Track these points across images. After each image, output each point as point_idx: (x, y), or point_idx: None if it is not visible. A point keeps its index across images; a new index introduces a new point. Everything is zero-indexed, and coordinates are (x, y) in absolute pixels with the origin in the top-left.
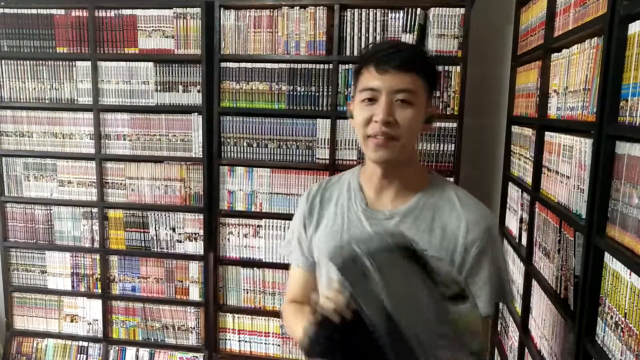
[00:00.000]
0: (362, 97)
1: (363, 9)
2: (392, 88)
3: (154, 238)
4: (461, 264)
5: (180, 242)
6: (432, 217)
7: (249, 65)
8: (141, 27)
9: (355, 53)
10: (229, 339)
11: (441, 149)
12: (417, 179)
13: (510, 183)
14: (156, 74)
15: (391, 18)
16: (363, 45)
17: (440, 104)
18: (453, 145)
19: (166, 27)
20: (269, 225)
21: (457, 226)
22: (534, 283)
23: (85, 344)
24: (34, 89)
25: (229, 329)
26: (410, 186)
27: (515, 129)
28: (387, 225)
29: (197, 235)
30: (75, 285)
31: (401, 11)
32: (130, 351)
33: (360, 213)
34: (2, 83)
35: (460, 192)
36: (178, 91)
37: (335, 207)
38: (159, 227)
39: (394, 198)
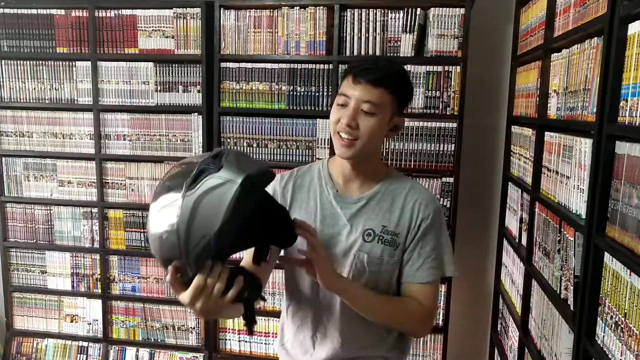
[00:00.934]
0: (338, 101)
1: (363, 9)
2: (360, 98)
3: None
4: (413, 235)
5: None
6: (392, 200)
7: (249, 65)
8: (141, 27)
9: (355, 53)
10: (229, 339)
11: (441, 149)
12: (379, 171)
13: (510, 183)
14: (156, 74)
15: (391, 18)
16: (363, 46)
17: (440, 104)
18: (453, 145)
19: (166, 27)
20: None
21: (412, 206)
22: (534, 283)
23: (85, 344)
24: (34, 89)
25: (229, 328)
26: (373, 177)
27: (515, 129)
28: (354, 207)
29: None
30: (75, 285)
31: (401, 11)
32: (130, 351)
33: (332, 197)
34: (2, 83)
35: (415, 183)
36: (178, 91)
37: (308, 193)
38: None
39: (360, 186)
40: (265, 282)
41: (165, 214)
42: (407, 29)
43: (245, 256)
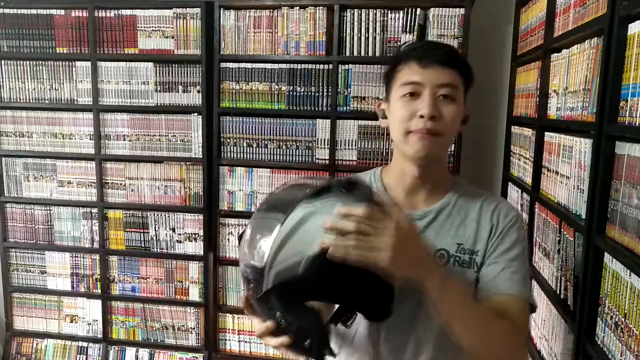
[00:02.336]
0: (403, 92)
1: (363, 9)
2: (436, 82)
3: (154, 238)
4: (493, 245)
5: (180, 242)
6: (466, 213)
7: (248, 65)
8: (141, 27)
9: (355, 53)
10: (229, 339)
11: None
12: (446, 179)
13: (510, 183)
14: (156, 74)
15: (391, 18)
16: (363, 46)
17: None
18: (453, 145)
19: (166, 27)
20: None
21: (490, 217)
22: (534, 283)
23: (85, 344)
24: (34, 89)
25: (229, 329)
26: (441, 186)
27: (515, 129)
28: (420, 224)
29: (196, 235)
30: (75, 285)
31: (401, 11)
32: (130, 351)
33: None
34: (2, 83)
35: (490, 192)
36: (178, 91)
37: None
38: (158, 228)
39: (427, 198)
40: None
41: (271, 219)
42: (407, 29)
43: None
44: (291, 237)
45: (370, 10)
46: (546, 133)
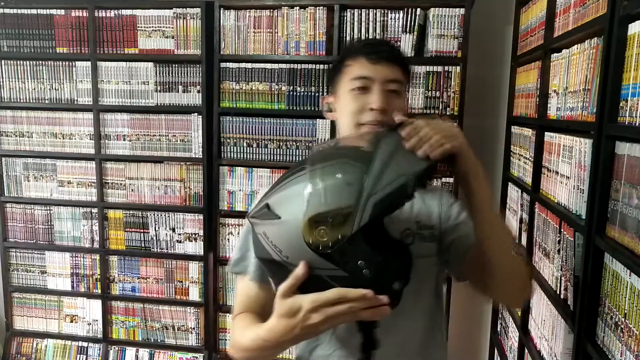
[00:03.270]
0: (352, 86)
1: (363, 9)
2: (385, 77)
3: (154, 238)
4: (447, 218)
5: (180, 242)
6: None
7: (248, 65)
8: (141, 27)
9: None
10: (229, 339)
11: None
12: None
13: (510, 183)
14: (156, 74)
15: (391, 18)
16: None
17: (440, 104)
18: None
19: (166, 27)
20: None
21: (432, 199)
22: (534, 283)
23: (85, 344)
24: (34, 89)
25: (229, 329)
26: None
27: (515, 129)
28: None
29: (197, 235)
30: (75, 285)
31: (401, 11)
32: (130, 351)
33: None
34: (2, 83)
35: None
36: (178, 91)
37: None
38: (158, 228)
39: None
40: None
41: (344, 162)
42: (407, 29)
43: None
44: (389, 165)
45: (370, 10)
46: (546, 133)
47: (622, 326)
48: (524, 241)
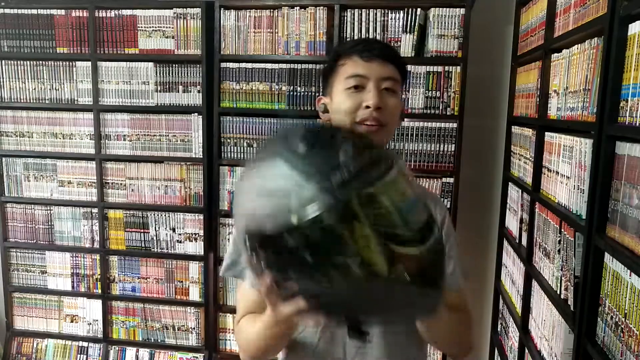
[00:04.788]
0: (347, 85)
1: (363, 9)
2: (380, 75)
3: (154, 238)
4: None
5: (180, 242)
6: None
7: (249, 65)
8: (141, 27)
9: None
10: (229, 339)
11: (441, 149)
12: None
13: (510, 183)
14: (156, 74)
15: (391, 18)
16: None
17: (441, 104)
18: (453, 145)
19: (166, 27)
20: None
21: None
22: (534, 283)
23: (85, 344)
24: (34, 89)
25: (229, 329)
26: None
27: (515, 129)
28: None
29: (197, 235)
30: (75, 285)
31: (401, 11)
32: (130, 351)
33: None
34: (2, 83)
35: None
36: (178, 91)
37: None
38: (159, 228)
39: None
40: None
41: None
42: (407, 29)
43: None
44: None
45: (371, 10)
46: (546, 133)
47: (623, 326)
48: (524, 241)
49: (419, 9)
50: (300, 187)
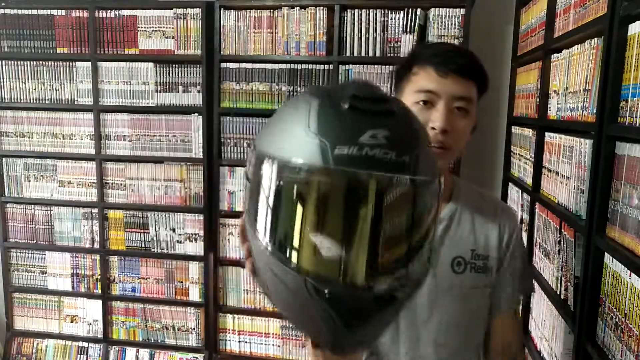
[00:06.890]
0: (417, 99)
1: (363, 10)
2: (452, 94)
3: (154, 239)
4: (503, 254)
5: (180, 242)
6: (472, 218)
7: (249, 65)
8: (141, 27)
9: (355, 54)
10: (229, 340)
11: None
12: (448, 182)
13: (510, 184)
14: (156, 74)
15: (391, 19)
16: (363, 46)
17: None
18: None
19: (166, 27)
20: None
21: (493, 219)
22: (535, 284)
23: (85, 344)
24: (34, 89)
25: (229, 329)
26: (446, 191)
27: (515, 129)
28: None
29: (197, 235)
30: (75, 285)
31: (401, 12)
32: (131, 352)
33: None
34: (2, 83)
35: (483, 190)
36: (178, 92)
37: None
38: (159, 228)
39: None
40: None
41: None
42: (408, 30)
43: None
44: None
45: (371, 10)
46: (546, 133)
47: (622, 326)
48: (524, 241)
49: (419, 9)
50: (306, 134)
